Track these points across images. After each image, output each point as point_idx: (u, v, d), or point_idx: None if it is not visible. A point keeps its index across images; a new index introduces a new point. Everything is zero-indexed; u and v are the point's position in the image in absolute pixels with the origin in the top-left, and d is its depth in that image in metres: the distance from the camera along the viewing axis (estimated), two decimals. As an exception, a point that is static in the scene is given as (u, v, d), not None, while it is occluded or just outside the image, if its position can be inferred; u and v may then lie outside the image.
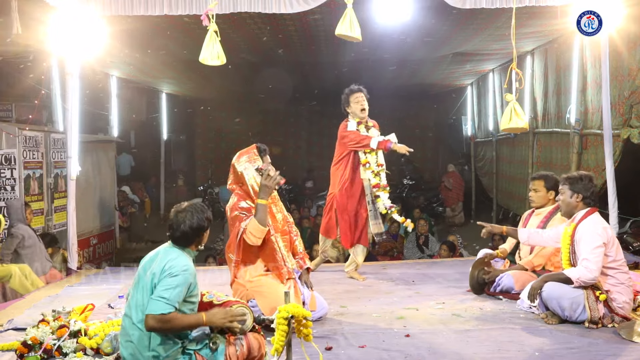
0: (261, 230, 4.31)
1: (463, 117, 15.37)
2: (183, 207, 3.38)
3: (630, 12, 5.98)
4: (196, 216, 3.33)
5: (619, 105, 6.55)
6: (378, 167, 6.11)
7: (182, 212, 3.35)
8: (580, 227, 4.38)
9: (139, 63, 10.08)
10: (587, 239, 4.30)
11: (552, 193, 5.23)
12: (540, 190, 5.28)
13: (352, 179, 6.08)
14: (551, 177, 5.31)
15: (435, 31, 8.06)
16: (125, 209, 11.96)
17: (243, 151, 4.64)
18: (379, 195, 6.09)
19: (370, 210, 6.13)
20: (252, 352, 3.33)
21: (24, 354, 3.76)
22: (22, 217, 6.79)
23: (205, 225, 3.38)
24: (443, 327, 4.44)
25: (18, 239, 6.61)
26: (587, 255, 4.27)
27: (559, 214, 5.11)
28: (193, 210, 3.35)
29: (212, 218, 3.46)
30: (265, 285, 4.40)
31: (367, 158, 6.05)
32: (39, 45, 6.92)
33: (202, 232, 3.37)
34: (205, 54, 5.66)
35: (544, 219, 5.20)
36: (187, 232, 3.31)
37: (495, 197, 12.39)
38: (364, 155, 6.06)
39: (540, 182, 5.29)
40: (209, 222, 3.40)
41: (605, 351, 3.85)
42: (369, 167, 6.06)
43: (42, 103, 8.49)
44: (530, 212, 5.45)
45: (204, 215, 3.37)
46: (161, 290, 3.11)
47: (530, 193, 5.36)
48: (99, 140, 10.52)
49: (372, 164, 6.07)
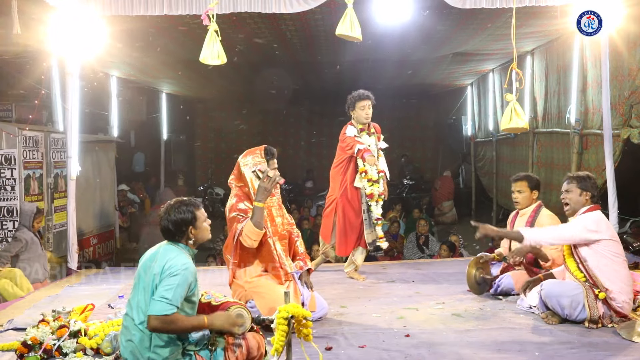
0: (257, 233, 4.31)
1: (463, 117, 15.37)
2: (172, 202, 3.38)
3: (630, 12, 5.98)
4: (182, 209, 3.31)
5: (619, 105, 6.54)
6: (378, 173, 6.07)
7: (164, 209, 3.35)
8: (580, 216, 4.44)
9: (139, 63, 10.07)
10: (578, 220, 4.40)
11: (535, 193, 5.31)
12: (525, 190, 5.32)
13: (351, 184, 6.11)
14: (532, 177, 5.40)
15: (435, 31, 8.05)
16: (125, 209, 11.95)
17: (250, 150, 4.63)
18: (371, 206, 6.08)
19: (365, 220, 6.11)
20: (251, 352, 3.34)
21: (24, 354, 3.76)
22: (29, 223, 6.92)
23: (189, 217, 3.31)
24: (443, 327, 4.45)
25: (21, 244, 6.73)
26: (564, 225, 4.41)
27: (543, 212, 5.18)
28: (180, 204, 3.34)
29: (195, 209, 3.36)
30: (264, 286, 4.40)
31: (365, 166, 6.02)
32: (39, 45, 6.91)
33: (187, 224, 3.32)
34: (206, 53, 5.66)
35: (530, 219, 5.24)
36: (170, 227, 3.30)
37: (495, 197, 12.38)
38: (362, 163, 6.02)
39: (524, 183, 5.33)
40: (191, 213, 3.33)
41: (605, 351, 3.85)
42: (364, 176, 6.05)
43: (42, 103, 8.48)
44: (515, 214, 5.49)
45: (186, 207, 3.32)
46: (162, 290, 3.10)
47: (514, 195, 5.39)
48: (99, 140, 10.51)
49: (370, 172, 6.03)
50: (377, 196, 6.06)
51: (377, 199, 6.07)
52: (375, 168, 6.05)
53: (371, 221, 6.10)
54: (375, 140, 6.16)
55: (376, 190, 6.06)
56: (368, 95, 6.08)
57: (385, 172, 6.22)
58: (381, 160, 6.15)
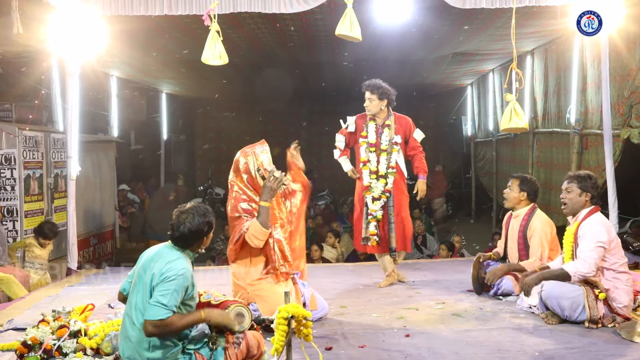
0: (263, 233, 4.30)
1: (463, 117, 15.36)
2: (186, 209, 3.34)
3: (630, 12, 5.98)
4: (197, 219, 3.28)
5: (619, 105, 6.54)
6: (389, 169, 5.82)
7: (184, 213, 3.31)
8: (584, 224, 4.41)
9: (139, 63, 10.07)
10: (590, 235, 4.33)
11: (523, 194, 5.32)
12: (514, 189, 5.36)
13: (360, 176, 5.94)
14: (529, 180, 5.39)
15: (435, 31, 8.06)
16: (125, 209, 11.95)
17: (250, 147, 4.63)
18: (366, 199, 5.83)
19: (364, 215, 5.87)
20: (251, 350, 3.34)
21: (24, 354, 3.76)
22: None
23: (205, 229, 3.33)
24: (443, 327, 4.45)
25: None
26: (586, 249, 4.31)
27: (536, 216, 5.19)
28: (195, 213, 3.31)
29: (214, 223, 3.39)
30: (266, 289, 4.39)
31: (369, 156, 5.84)
32: (39, 45, 6.90)
33: (202, 236, 3.33)
34: (208, 53, 5.66)
35: (523, 222, 5.27)
36: (185, 234, 3.28)
37: (495, 197, 12.38)
38: (365, 152, 5.85)
39: (516, 182, 5.37)
40: (209, 226, 3.35)
41: (605, 351, 3.85)
42: (365, 166, 5.85)
43: (42, 103, 8.47)
44: (509, 216, 5.52)
45: (205, 219, 3.31)
46: (158, 295, 3.09)
47: (506, 190, 5.44)
48: (99, 140, 10.50)
49: (372, 162, 5.84)
50: (376, 191, 5.78)
51: (374, 193, 5.78)
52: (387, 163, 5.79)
53: (367, 216, 5.83)
54: (389, 133, 5.82)
55: (377, 185, 5.79)
56: (367, 86, 5.90)
57: (401, 168, 5.91)
58: (394, 156, 5.82)
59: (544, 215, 5.29)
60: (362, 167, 5.87)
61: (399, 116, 5.98)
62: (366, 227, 5.84)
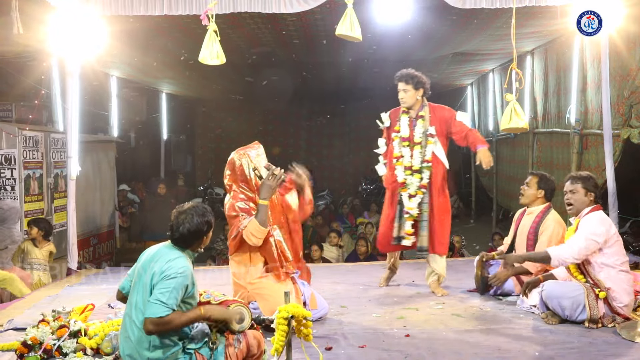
0: (262, 231, 4.30)
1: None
2: (184, 209, 3.34)
3: (630, 12, 5.98)
4: (196, 219, 3.29)
5: (619, 105, 6.54)
6: (423, 162, 5.46)
7: (182, 213, 3.31)
8: (584, 219, 4.44)
9: (139, 63, 10.07)
10: (585, 227, 4.37)
11: (541, 192, 5.28)
12: (532, 186, 5.32)
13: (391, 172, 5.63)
14: (548, 179, 5.34)
15: (435, 31, 8.06)
16: (125, 209, 11.95)
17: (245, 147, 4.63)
18: (402, 196, 5.49)
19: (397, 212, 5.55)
20: (251, 349, 3.34)
21: (24, 354, 3.76)
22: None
23: (205, 229, 3.33)
24: (443, 327, 4.45)
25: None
26: (576, 237, 4.36)
27: (551, 214, 5.16)
28: (194, 213, 3.31)
29: (213, 222, 3.40)
30: (267, 288, 4.39)
31: (402, 151, 5.50)
32: (39, 45, 6.90)
33: (201, 236, 3.34)
34: (205, 53, 5.66)
35: (537, 219, 5.22)
36: (185, 235, 3.28)
37: (495, 197, 12.38)
38: (398, 147, 5.53)
39: (535, 179, 5.33)
40: (209, 226, 3.35)
41: (605, 351, 3.85)
42: (398, 162, 5.51)
43: (42, 103, 8.48)
44: (522, 212, 5.46)
45: (204, 219, 3.32)
46: (158, 293, 3.10)
47: (523, 186, 5.41)
48: (99, 140, 10.50)
49: (406, 157, 5.49)
50: (412, 187, 5.44)
51: (410, 190, 5.45)
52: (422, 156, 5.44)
53: (402, 214, 5.50)
54: (423, 125, 5.48)
55: (413, 180, 5.45)
56: (400, 76, 5.51)
57: (441, 159, 5.52)
58: (429, 148, 5.46)
59: (558, 215, 5.25)
60: (396, 162, 5.54)
61: (434, 106, 5.62)
62: (400, 226, 5.50)
